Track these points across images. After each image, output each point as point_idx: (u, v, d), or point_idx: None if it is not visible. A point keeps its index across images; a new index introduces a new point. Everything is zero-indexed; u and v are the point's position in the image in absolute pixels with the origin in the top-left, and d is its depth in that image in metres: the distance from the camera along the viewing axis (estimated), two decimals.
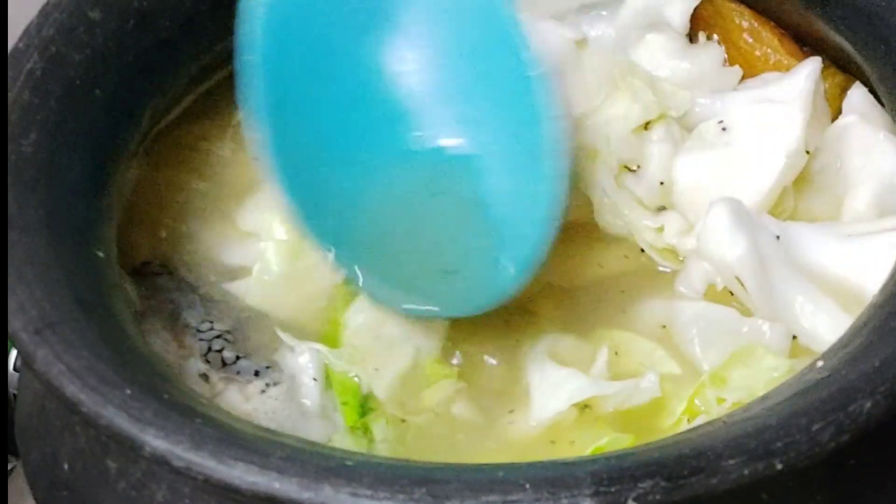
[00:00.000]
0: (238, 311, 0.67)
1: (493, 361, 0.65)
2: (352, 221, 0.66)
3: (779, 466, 0.49)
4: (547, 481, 0.48)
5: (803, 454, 0.49)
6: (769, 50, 0.74)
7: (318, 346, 0.64)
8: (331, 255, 0.66)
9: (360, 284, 0.64)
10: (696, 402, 0.60)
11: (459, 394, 0.63)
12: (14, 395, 0.74)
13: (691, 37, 0.76)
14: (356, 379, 0.63)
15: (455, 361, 0.64)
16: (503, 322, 0.66)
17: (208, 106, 0.76)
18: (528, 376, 0.63)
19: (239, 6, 0.67)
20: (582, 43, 0.72)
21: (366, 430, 0.60)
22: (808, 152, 0.69)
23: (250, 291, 0.67)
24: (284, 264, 0.67)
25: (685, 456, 0.49)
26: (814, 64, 0.71)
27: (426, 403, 0.62)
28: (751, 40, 0.75)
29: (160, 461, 0.50)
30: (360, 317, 0.65)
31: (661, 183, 0.69)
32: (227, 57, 0.76)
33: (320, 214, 0.65)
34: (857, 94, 0.72)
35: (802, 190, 0.69)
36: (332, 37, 0.68)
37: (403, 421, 0.62)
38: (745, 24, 0.75)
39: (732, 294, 0.65)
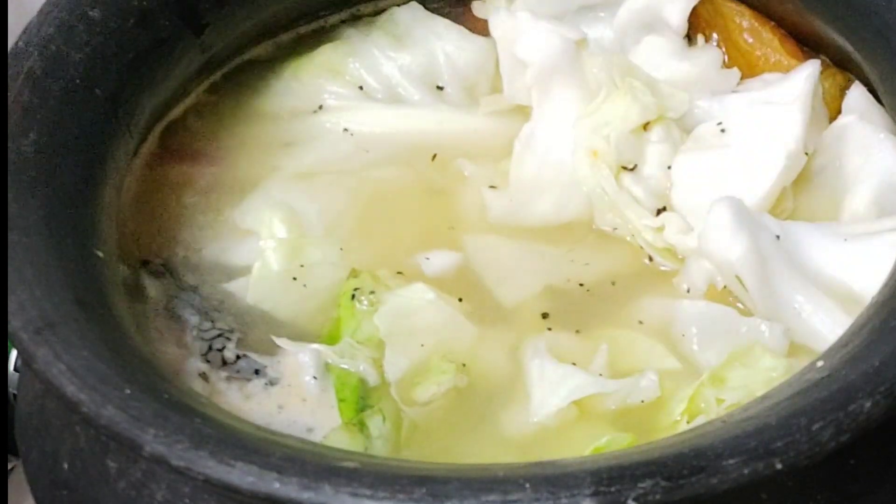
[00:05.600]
0: (238, 309, 0.67)
1: (493, 358, 0.65)
2: None
3: (779, 466, 0.49)
4: (547, 481, 0.48)
5: (803, 454, 0.49)
6: (769, 50, 0.74)
7: (317, 346, 0.64)
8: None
9: None
10: (696, 402, 0.60)
11: (457, 390, 0.63)
12: (14, 395, 0.74)
13: (690, 38, 0.76)
14: (359, 370, 0.63)
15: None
16: (504, 319, 0.66)
17: (208, 105, 0.76)
18: (527, 373, 0.63)
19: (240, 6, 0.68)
20: (582, 43, 0.72)
21: (362, 427, 0.61)
22: (806, 154, 0.69)
23: (250, 290, 0.67)
24: (284, 263, 0.67)
25: (685, 456, 0.49)
26: (813, 66, 0.71)
27: (420, 397, 0.62)
28: (751, 40, 0.75)
29: (160, 461, 0.50)
30: (396, 301, 0.65)
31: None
32: (227, 56, 0.77)
33: None
34: (857, 94, 0.72)
35: (802, 190, 0.70)
36: None
37: (400, 416, 0.62)
38: (745, 24, 0.75)
39: (732, 293, 0.65)
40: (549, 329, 0.66)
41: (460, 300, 0.67)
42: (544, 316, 0.67)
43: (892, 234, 0.64)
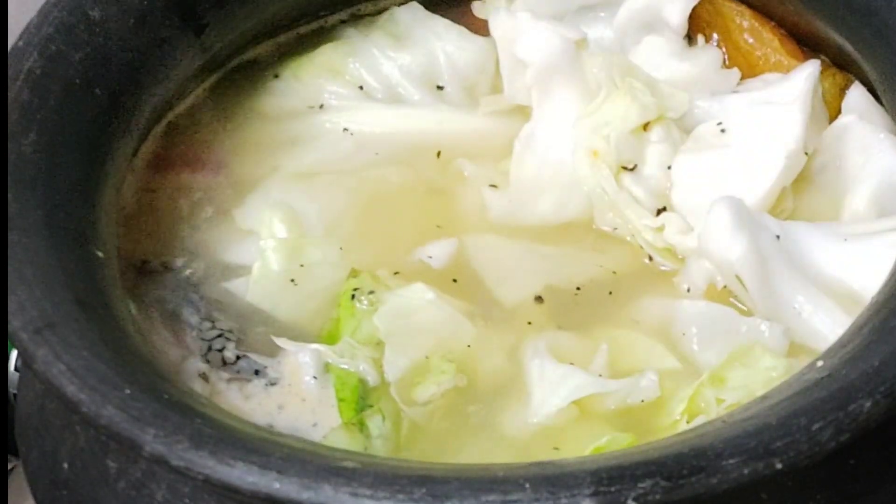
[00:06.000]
0: (238, 309, 0.67)
1: (493, 358, 0.65)
2: None
3: (779, 466, 0.49)
4: (547, 481, 0.48)
5: (803, 454, 0.49)
6: (769, 50, 0.74)
7: (317, 346, 0.64)
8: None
9: None
10: (696, 402, 0.60)
11: (457, 390, 0.63)
12: (14, 395, 0.74)
13: (690, 38, 0.76)
14: (359, 370, 0.63)
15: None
16: (503, 319, 0.66)
17: (208, 105, 0.76)
18: (527, 373, 0.63)
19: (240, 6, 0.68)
20: (582, 43, 0.72)
21: (362, 427, 0.60)
22: (806, 154, 0.69)
23: (250, 290, 0.67)
24: (284, 263, 0.67)
25: (685, 456, 0.49)
26: (813, 66, 0.71)
27: (419, 397, 0.62)
28: (751, 40, 0.75)
29: (160, 461, 0.50)
30: (396, 301, 0.65)
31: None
32: (227, 56, 0.77)
33: None
34: (857, 94, 0.72)
35: (802, 189, 0.70)
36: None
37: (400, 416, 0.62)
38: (745, 24, 0.75)
39: (732, 293, 0.65)
40: (549, 329, 0.66)
41: (454, 281, 0.67)
42: (544, 316, 0.67)
43: (892, 234, 0.64)
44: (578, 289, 0.68)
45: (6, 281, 0.55)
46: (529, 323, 0.66)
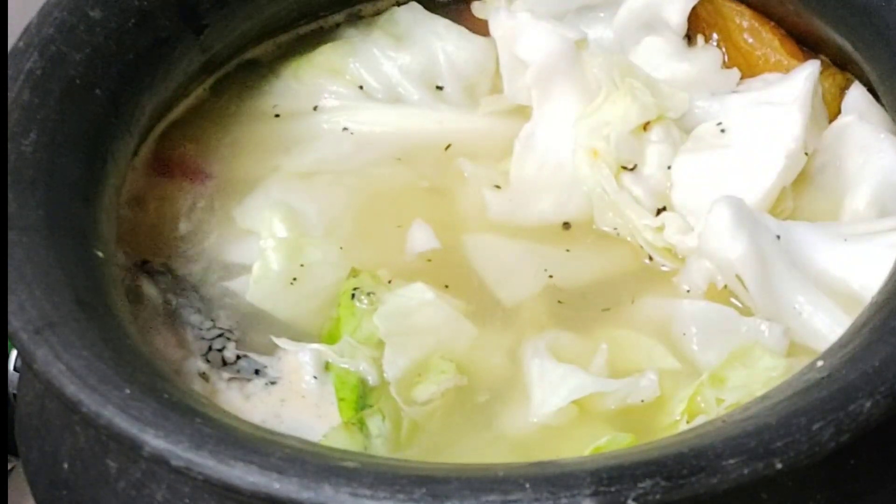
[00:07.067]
0: (238, 309, 0.67)
1: (493, 357, 0.65)
2: None
3: (779, 466, 0.49)
4: (547, 481, 0.48)
5: (803, 454, 0.49)
6: (769, 50, 0.74)
7: (317, 345, 0.64)
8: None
9: None
10: (696, 402, 0.60)
11: (457, 390, 0.63)
12: (14, 395, 0.74)
13: (690, 38, 0.76)
14: (359, 369, 0.63)
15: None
16: (503, 319, 0.66)
17: (208, 105, 0.76)
18: (527, 373, 0.63)
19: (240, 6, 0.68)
20: (582, 43, 0.73)
21: (361, 426, 0.61)
22: (806, 154, 0.69)
23: (250, 290, 0.67)
24: (284, 262, 0.67)
25: (685, 456, 0.49)
26: (813, 66, 0.71)
27: (419, 397, 0.62)
28: (751, 40, 0.75)
29: (160, 461, 0.50)
30: (396, 301, 0.65)
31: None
32: (227, 56, 0.77)
33: None
34: (857, 94, 0.72)
35: (802, 189, 0.70)
36: None
37: (400, 415, 0.62)
38: (745, 24, 0.75)
39: (732, 293, 0.65)
40: (549, 328, 0.66)
41: (446, 287, 0.67)
42: (544, 315, 0.67)
43: (892, 234, 0.64)
44: (578, 288, 0.68)
45: (6, 281, 0.55)
46: (529, 323, 0.66)
